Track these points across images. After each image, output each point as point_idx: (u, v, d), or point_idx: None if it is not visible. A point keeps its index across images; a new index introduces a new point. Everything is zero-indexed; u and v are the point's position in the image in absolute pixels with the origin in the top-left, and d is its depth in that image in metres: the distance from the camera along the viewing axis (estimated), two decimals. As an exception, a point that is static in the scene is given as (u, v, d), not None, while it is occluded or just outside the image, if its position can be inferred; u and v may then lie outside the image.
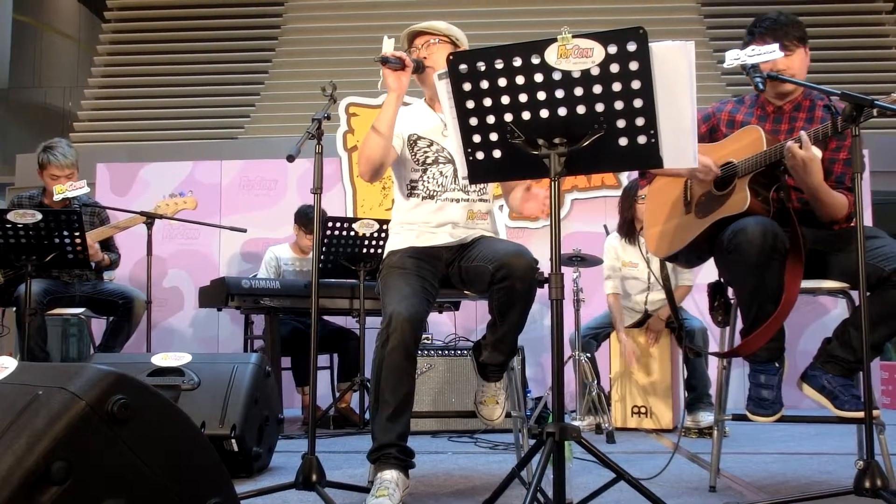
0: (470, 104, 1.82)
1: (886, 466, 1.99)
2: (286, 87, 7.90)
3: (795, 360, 2.37)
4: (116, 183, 5.71)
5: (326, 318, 4.53)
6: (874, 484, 1.87)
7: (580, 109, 1.74)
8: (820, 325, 5.05)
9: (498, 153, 1.87)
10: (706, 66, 7.25)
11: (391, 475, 2.09)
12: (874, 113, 1.94)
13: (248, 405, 2.57)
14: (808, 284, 2.28)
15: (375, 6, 7.96)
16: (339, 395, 4.23)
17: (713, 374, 3.66)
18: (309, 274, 4.47)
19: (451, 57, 1.80)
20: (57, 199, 3.64)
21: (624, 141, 1.76)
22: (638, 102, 1.71)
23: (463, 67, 1.78)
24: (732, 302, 2.42)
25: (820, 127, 2.19)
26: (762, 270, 2.16)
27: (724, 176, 2.37)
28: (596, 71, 1.69)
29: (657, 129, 1.73)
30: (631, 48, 1.66)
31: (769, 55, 2.16)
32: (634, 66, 1.67)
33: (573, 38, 1.69)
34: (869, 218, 5.22)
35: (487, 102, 1.80)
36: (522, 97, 1.77)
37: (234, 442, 2.50)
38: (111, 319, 4.05)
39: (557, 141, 1.78)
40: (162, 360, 2.68)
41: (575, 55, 1.69)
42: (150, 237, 3.89)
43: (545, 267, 1.88)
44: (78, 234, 3.49)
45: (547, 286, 1.85)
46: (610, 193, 5.47)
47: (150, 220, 3.90)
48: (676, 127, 1.74)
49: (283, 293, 4.01)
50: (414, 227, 2.44)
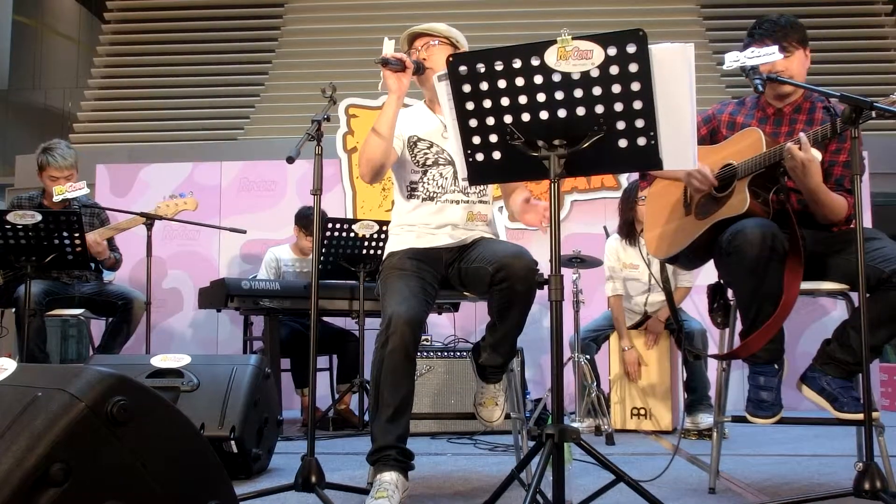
0: (469, 106, 1.82)
1: (886, 468, 1.99)
2: (286, 88, 7.91)
3: (795, 361, 2.37)
4: (116, 184, 5.71)
5: (326, 319, 4.53)
6: (874, 486, 1.88)
7: (580, 111, 1.74)
8: (819, 326, 5.05)
9: (497, 155, 1.87)
10: (706, 68, 7.27)
11: (390, 477, 2.09)
12: (873, 115, 1.94)
13: (247, 407, 2.57)
14: (807, 286, 2.27)
15: (375, 8, 7.97)
16: (338, 396, 4.23)
17: (712, 375, 3.66)
18: (309, 275, 4.46)
19: (450, 58, 1.80)
20: (57, 200, 3.64)
21: (623, 143, 1.76)
22: (638, 104, 1.71)
23: (462, 69, 1.78)
24: (732, 303, 2.42)
25: (819, 129, 2.19)
26: (761, 272, 2.16)
27: (723, 178, 2.38)
28: (595, 73, 1.69)
29: (657, 130, 1.73)
30: (630, 50, 1.66)
31: (768, 57, 2.17)
32: (634, 68, 1.68)
33: (573, 39, 1.69)
34: (868, 220, 5.22)
35: (487, 104, 1.80)
36: (522, 99, 1.77)
37: (233, 443, 2.50)
38: (110, 320, 4.05)
39: (557, 142, 1.78)
40: (161, 361, 2.68)
41: (574, 57, 1.69)
42: (149, 238, 3.90)
43: (545, 268, 1.88)
44: (77, 235, 3.48)
45: (546, 287, 1.85)
46: (610, 195, 5.47)
47: (149, 221, 3.90)
48: (676, 129, 1.74)
49: (282, 294, 4.01)
50: (414, 228, 2.44)
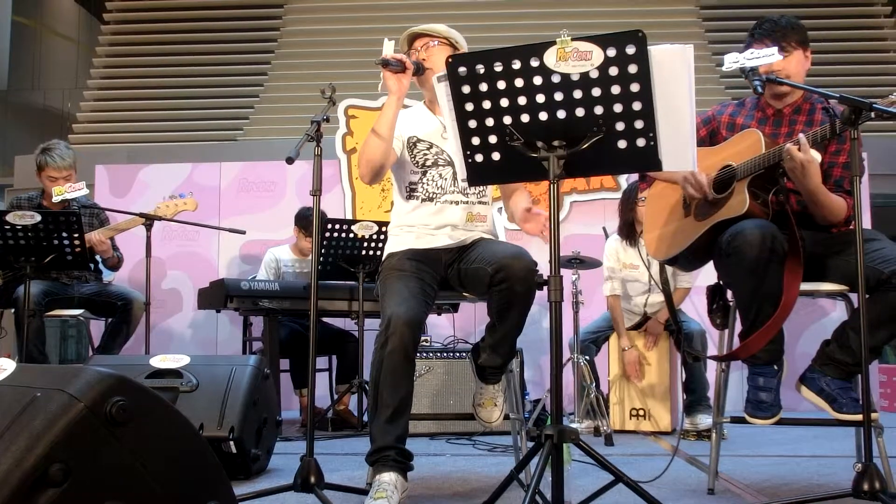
0: (469, 106, 1.82)
1: (885, 469, 1.98)
2: (285, 89, 7.91)
3: (794, 362, 2.37)
4: (115, 184, 5.71)
5: (325, 319, 4.53)
6: (872, 487, 1.88)
7: (579, 112, 1.74)
8: (819, 327, 5.05)
9: (497, 155, 1.87)
10: (705, 69, 7.27)
11: (389, 477, 2.09)
12: (873, 115, 1.94)
13: (246, 407, 2.57)
14: (807, 287, 2.27)
15: (374, 9, 7.98)
16: (337, 397, 4.23)
17: (711, 376, 3.66)
18: (308, 276, 4.46)
19: (450, 59, 1.80)
20: (56, 200, 3.63)
21: (623, 144, 1.76)
22: (637, 105, 1.71)
23: (462, 70, 1.78)
24: (731, 304, 2.42)
25: (818, 129, 2.19)
26: (761, 273, 2.16)
27: (722, 179, 2.38)
28: (595, 74, 1.70)
29: (656, 131, 1.73)
30: (630, 51, 1.66)
31: (768, 58, 2.17)
32: (633, 69, 1.68)
33: (572, 40, 1.69)
34: (868, 221, 5.22)
35: (486, 105, 1.80)
36: (521, 100, 1.77)
37: (232, 444, 2.50)
38: (110, 321, 4.05)
39: (556, 143, 1.78)
40: (160, 361, 2.68)
41: (574, 58, 1.69)
42: (148, 239, 3.90)
43: (544, 269, 1.88)
44: (77, 235, 3.48)
45: (546, 288, 1.85)
46: (609, 196, 5.47)
47: (149, 221, 3.90)
48: (675, 130, 1.74)
49: (281, 295, 4.01)
50: (413, 229, 2.44)
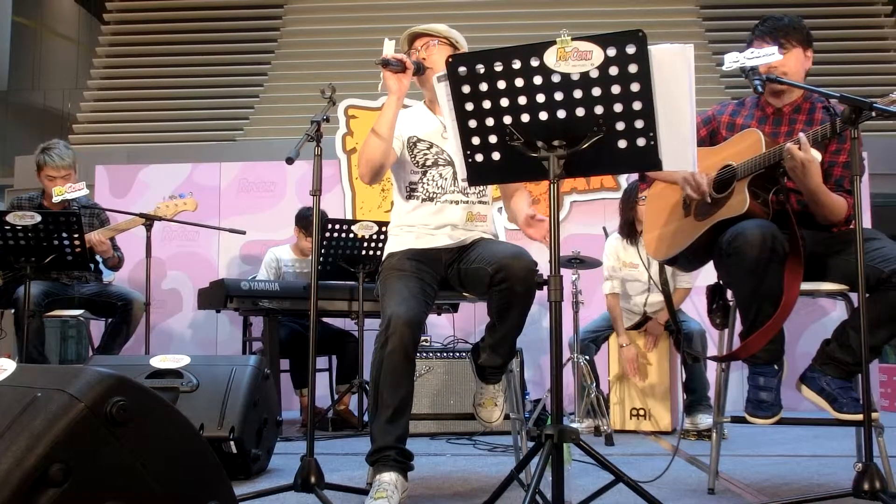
0: (469, 106, 1.82)
1: (885, 469, 1.99)
2: (285, 89, 7.91)
3: (794, 362, 2.37)
4: (115, 185, 5.71)
5: (325, 320, 4.53)
6: (873, 486, 1.88)
7: (579, 112, 1.74)
8: (819, 327, 5.05)
9: (497, 155, 1.87)
10: (705, 68, 7.27)
11: (390, 477, 2.09)
12: (873, 115, 1.94)
13: (246, 407, 2.57)
14: (807, 286, 2.27)
15: (374, 9, 7.98)
16: (337, 397, 4.23)
17: (712, 376, 3.66)
18: (309, 276, 4.46)
19: (450, 59, 1.80)
20: (56, 201, 3.63)
21: (623, 143, 1.76)
22: (637, 105, 1.71)
23: (462, 70, 1.78)
24: (731, 304, 2.42)
25: (819, 129, 2.19)
26: (761, 273, 2.16)
27: (723, 179, 2.38)
28: (595, 73, 1.69)
29: (656, 131, 1.73)
30: (630, 51, 1.66)
31: (768, 58, 2.17)
32: (633, 68, 1.68)
33: (572, 40, 1.69)
34: (868, 220, 5.22)
35: (486, 105, 1.80)
36: (521, 99, 1.77)
37: (232, 444, 2.50)
38: (110, 321, 4.05)
39: (556, 143, 1.78)
40: (160, 362, 2.68)
41: (574, 58, 1.69)
42: (148, 239, 3.90)
43: (544, 269, 1.88)
44: (77, 235, 3.48)
45: (546, 288, 1.85)
46: (609, 196, 5.46)
47: (148, 221, 3.90)
48: (676, 129, 1.74)
49: (281, 295, 4.01)
50: (413, 229, 2.44)
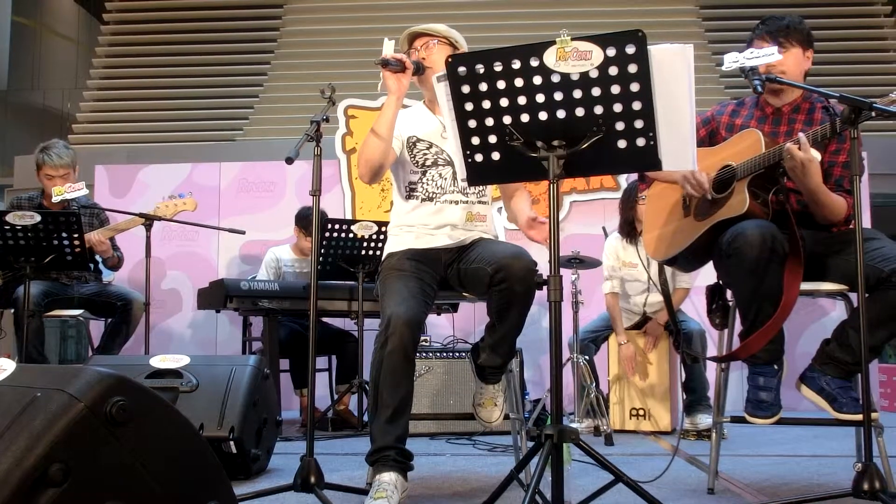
0: (469, 106, 1.82)
1: (885, 469, 1.99)
2: (285, 89, 7.91)
3: (794, 362, 2.37)
4: (115, 185, 5.71)
5: (325, 320, 4.53)
6: (872, 486, 1.88)
7: (579, 112, 1.74)
8: (818, 327, 5.05)
9: (497, 155, 1.87)
10: (705, 68, 7.27)
11: (389, 477, 2.09)
12: (873, 115, 1.94)
13: (246, 407, 2.57)
14: (807, 286, 2.27)
15: (374, 9, 7.97)
16: (337, 397, 4.23)
17: (711, 376, 3.66)
18: (309, 275, 4.46)
19: (449, 59, 1.80)
20: (55, 200, 3.63)
21: (623, 143, 1.76)
22: (637, 105, 1.71)
23: (462, 70, 1.78)
24: (731, 304, 2.42)
25: (818, 129, 2.19)
26: (761, 273, 2.16)
27: (722, 179, 2.38)
28: (595, 73, 1.69)
29: (656, 131, 1.73)
30: (630, 51, 1.66)
31: (767, 58, 2.17)
32: (633, 68, 1.68)
33: (572, 40, 1.69)
34: (868, 220, 5.23)
35: (486, 105, 1.80)
36: (521, 99, 1.77)
37: (232, 444, 2.50)
38: (109, 321, 4.05)
39: (556, 143, 1.78)
40: (160, 361, 2.68)
41: (574, 58, 1.69)
42: (148, 239, 3.89)
43: (544, 269, 1.88)
44: (77, 235, 3.48)
45: (545, 288, 1.85)
46: (609, 196, 5.46)
47: (148, 221, 3.90)
48: (675, 129, 1.74)
49: (281, 295, 4.01)
50: (413, 229, 2.44)
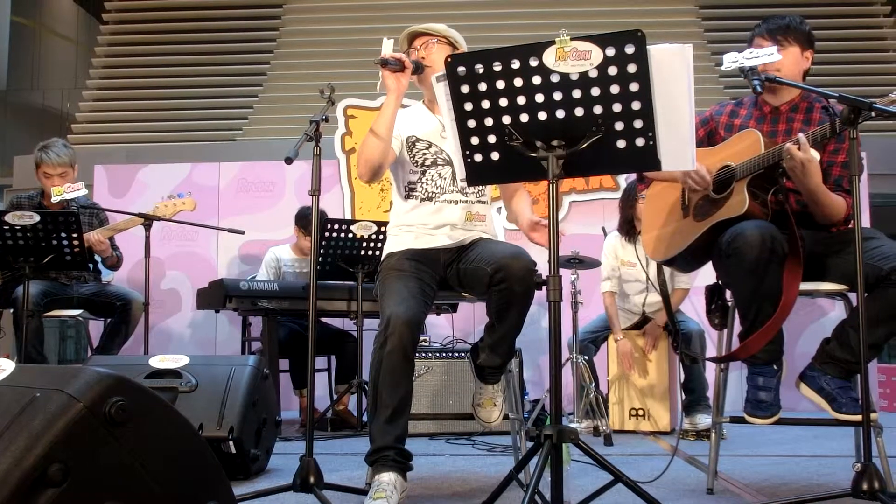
0: (468, 106, 1.82)
1: (884, 469, 1.99)
2: (284, 89, 7.91)
3: (794, 362, 2.37)
4: (114, 185, 5.71)
5: (324, 320, 4.53)
6: (872, 486, 1.88)
7: (578, 112, 1.74)
8: (818, 327, 5.06)
9: (496, 155, 1.87)
10: (704, 68, 7.27)
11: (389, 477, 2.09)
12: (873, 115, 1.94)
13: (245, 407, 2.57)
14: (806, 287, 2.27)
15: (374, 9, 7.97)
16: (336, 397, 4.23)
17: (711, 376, 3.66)
18: (309, 275, 4.46)
19: (449, 59, 1.80)
20: (55, 200, 3.62)
21: (622, 143, 1.76)
22: (636, 105, 1.71)
23: (461, 69, 1.78)
24: (730, 305, 2.42)
25: (818, 129, 2.19)
26: (761, 273, 2.16)
27: (722, 179, 2.38)
28: (594, 73, 1.69)
29: (655, 131, 1.73)
30: (629, 51, 1.66)
31: (767, 58, 2.17)
32: (632, 68, 1.68)
33: (571, 40, 1.69)
34: (867, 220, 5.23)
35: (485, 104, 1.80)
36: (520, 99, 1.77)
37: (231, 444, 2.49)
38: (109, 321, 4.04)
39: (555, 143, 1.78)
40: (160, 362, 2.68)
41: (573, 57, 1.69)
42: (147, 239, 3.89)
43: (543, 269, 1.88)
44: (76, 235, 3.47)
45: (545, 288, 1.85)
46: (608, 196, 5.46)
47: (147, 221, 3.89)
48: (675, 129, 1.74)
49: (280, 295, 4.00)
50: (412, 228, 2.43)
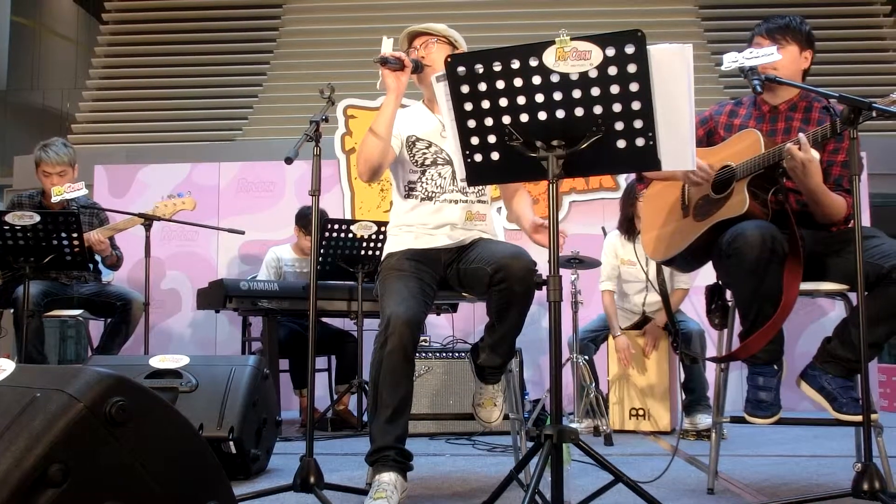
0: (468, 106, 1.82)
1: (884, 469, 1.99)
2: (284, 89, 7.91)
3: (794, 361, 2.37)
4: (114, 184, 5.71)
5: (325, 320, 4.53)
6: (872, 486, 1.88)
7: (578, 112, 1.74)
8: (818, 327, 5.06)
9: (496, 155, 1.87)
10: (704, 68, 7.27)
11: (389, 477, 2.09)
12: (873, 115, 1.94)
13: (246, 407, 2.57)
14: (807, 286, 2.27)
15: (374, 9, 7.97)
16: (337, 397, 4.23)
17: (711, 376, 3.66)
18: (309, 275, 4.46)
19: (448, 59, 1.80)
20: (55, 200, 3.62)
21: (622, 143, 1.76)
22: (636, 105, 1.71)
23: (461, 69, 1.78)
24: (730, 304, 2.42)
25: (818, 129, 2.19)
26: (761, 273, 2.15)
27: (722, 179, 2.38)
28: (594, 73, 1.69)
29: (655, 131, 1.73)
30: (629, 51, 1.66)
31: (766, 58, 2.17)
32: (632, 68, 1.68)
33: (571, 40, 1.69)
34: (867, 220, 5.23)
35: (485, 104, 1.80)
36: (520, 99, 1.77)
37: (231, 444, 2.49)
38: (109, 321, 4.04)
39: (555, 143, 1.78)
40: (160, 362, 2.68)
41: (573, 57, 1.69)
42: (147, 239, 3.89)
43: (543, 269, 1.88)
44: (76, 235, 3.47)
45: (545, 288, 1.85)
46: (608, 196, 5.46)
47: (147, 221, 3.89)
48: (675, 129, 1.74)
49: (281, 295, 4.00)
50: (412, 228, 2.43)
